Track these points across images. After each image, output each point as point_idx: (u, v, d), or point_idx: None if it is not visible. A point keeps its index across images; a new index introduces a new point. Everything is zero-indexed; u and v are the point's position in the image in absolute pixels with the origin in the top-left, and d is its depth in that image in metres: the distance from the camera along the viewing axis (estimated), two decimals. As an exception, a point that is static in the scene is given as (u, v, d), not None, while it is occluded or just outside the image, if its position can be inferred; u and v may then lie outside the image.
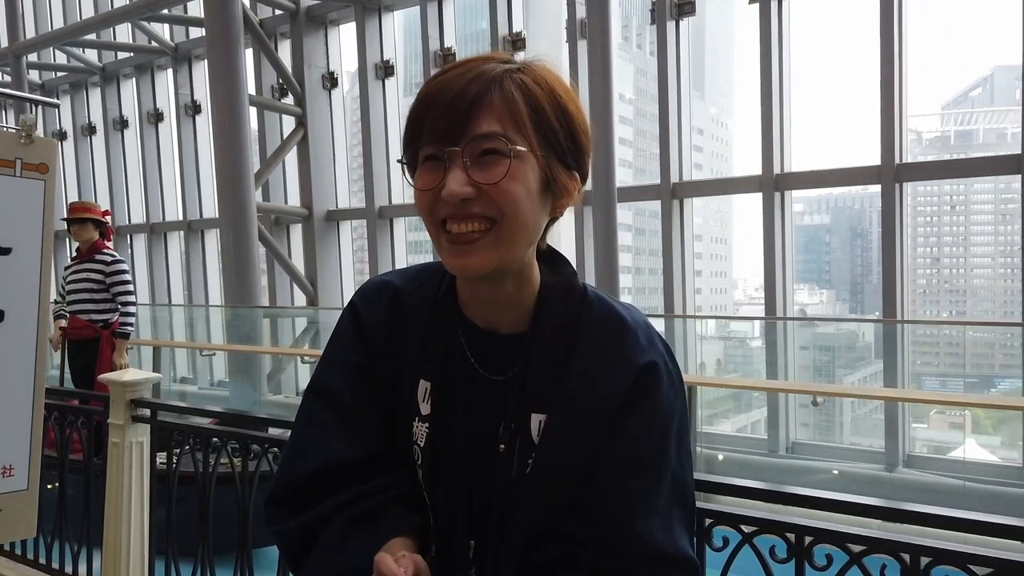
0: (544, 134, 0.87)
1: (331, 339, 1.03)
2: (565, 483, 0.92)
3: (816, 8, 6.62)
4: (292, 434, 1.01)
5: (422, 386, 0.96)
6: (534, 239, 0.92)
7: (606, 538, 0.91)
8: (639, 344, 0.96)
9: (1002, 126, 14.01)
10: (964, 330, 6.87)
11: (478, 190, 0.84)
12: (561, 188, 0.91)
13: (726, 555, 1.53)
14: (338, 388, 0.98)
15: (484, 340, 0.96)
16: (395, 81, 8.54)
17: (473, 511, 0.94)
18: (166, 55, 10.19)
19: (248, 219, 7.35)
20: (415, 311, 0.99)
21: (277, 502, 0.97)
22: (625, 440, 0.93)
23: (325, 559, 0.91)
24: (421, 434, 0.95)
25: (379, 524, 0.92)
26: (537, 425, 0.93)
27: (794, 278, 6.66)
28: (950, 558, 1.30)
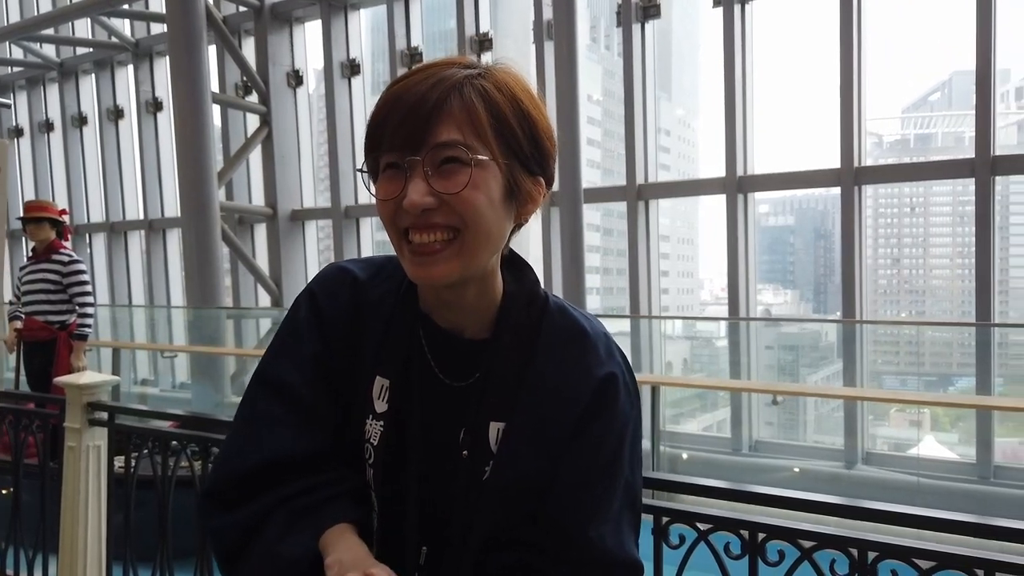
0: (506, 141, 0.87)
1: (284, 327, 1.00)
2: (522, 491, 0.92)
3: (779, 13, 6.72)
4: (234, 427, 0.97)
5: (378, 383, 0.95)
6: (498, 247, 0.92)
7: (561, 545, 0.92)
8: (599, 356, 0.96)
9: (960, 130, 14.35)
10: (923, 329, 7.03)
11: (439, 200, 0.83)
12: (525, 195, 0.91)
13: (683, 552, 1.56)
14: (289, 380, 0.95)
15: (445, 342, 0.96)
16: (361, 80, 8.49)
17: (427, 517, 0.94)
18: (126, 51, 10.01)
19: (211, 218, 7.25)
20: (377, 305, 0.97)
21: (214, 497, 0.94)
22: (582, 450, 0.94)
23: (266, 553, 0.88)
24: (375, 432, 0.94)
25: (322, 514, 0.90)
26: (495, 433, 0.93)
27: (757, 279, 6.76)
28: (896, 552, 1.34)
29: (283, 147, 8.68)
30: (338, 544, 0.88)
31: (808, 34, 8.03)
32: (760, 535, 1.47)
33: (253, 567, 0.89)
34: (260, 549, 0.89)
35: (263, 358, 0.99)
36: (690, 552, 1.54)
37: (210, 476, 0.99)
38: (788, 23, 7.47)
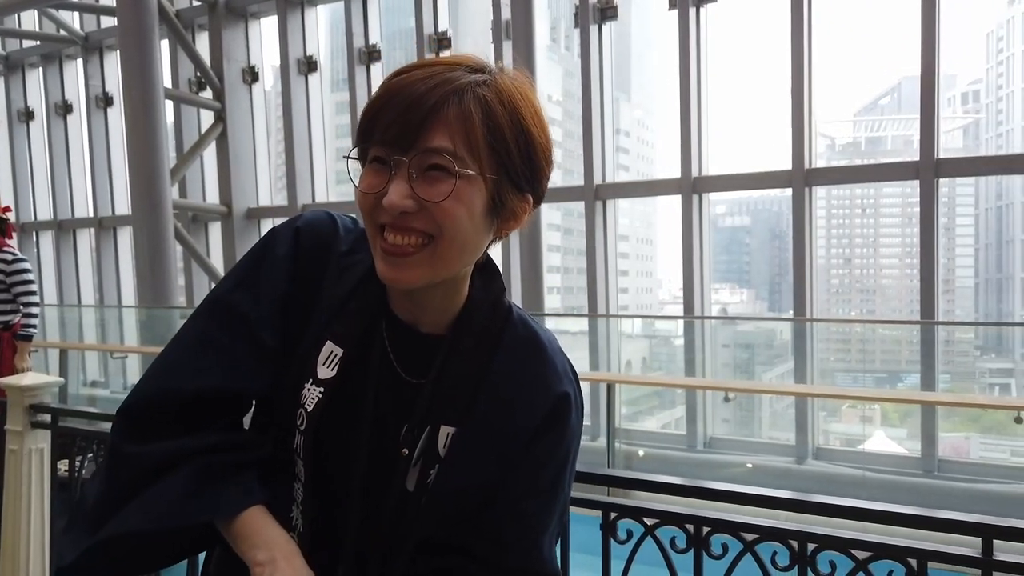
0: (498, 156, 0.84)
1: (253, 258, 0.95)
2: (465, 498, 0.92)
3: (733, 16, 6.84)
4: (175, 345, 0.92)
5: (328, 349, 0.92)
6: (472, 259, 0.91)
7: (498, 556, 0.93)
8: (556, 372, 0.96)
9: (909, 133, 14.78)
10: (874, 327, 7.21)
11: (419, 205, 0.82)
12: (509, 211, 0.89)
13: (630, 547, 1.59)
14: (248, 313, 0.91)
15: (402, 334, 0.94)
16: (319, 77, 8.41)
17: (362, 509, 0.92)
18: (75, 44, 9.76)
19: (163, 216, 7.11)
20: (345, 270, 0.94)
21: (133, 417, 0.89)
22: (532, 466, 0.94)
23: (166, 502, 0.84)
24: (312, 398, 0.91)
25: (237, 481, 0.88)
26: (445, 438, 0.91)
27: (712, 278, 6.86)
28: (834, 544, 1.38)
29: (238, 144, 8.54)
30: (266, 538, 0.86)
31: (761, 38, 8.18)
32: (704, 529, 1.50)
33: (145, 510, 0.85)
34: (160, 496, 0.85)
35: (222, 283, 0.94)
36: (637, 547, 1.57)
37: (138, 391, 0.89)
38: (742, 27, 7.60)
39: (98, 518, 0.87)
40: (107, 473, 0.89)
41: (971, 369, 6.74)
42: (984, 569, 1.26)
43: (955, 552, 1.29)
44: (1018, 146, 14.91)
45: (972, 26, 12.64)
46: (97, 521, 0.87)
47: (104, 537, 0.85)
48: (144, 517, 0.85)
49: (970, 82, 15.73)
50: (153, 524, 0.85)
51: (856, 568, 1.36)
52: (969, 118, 15.72)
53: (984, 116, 15.67)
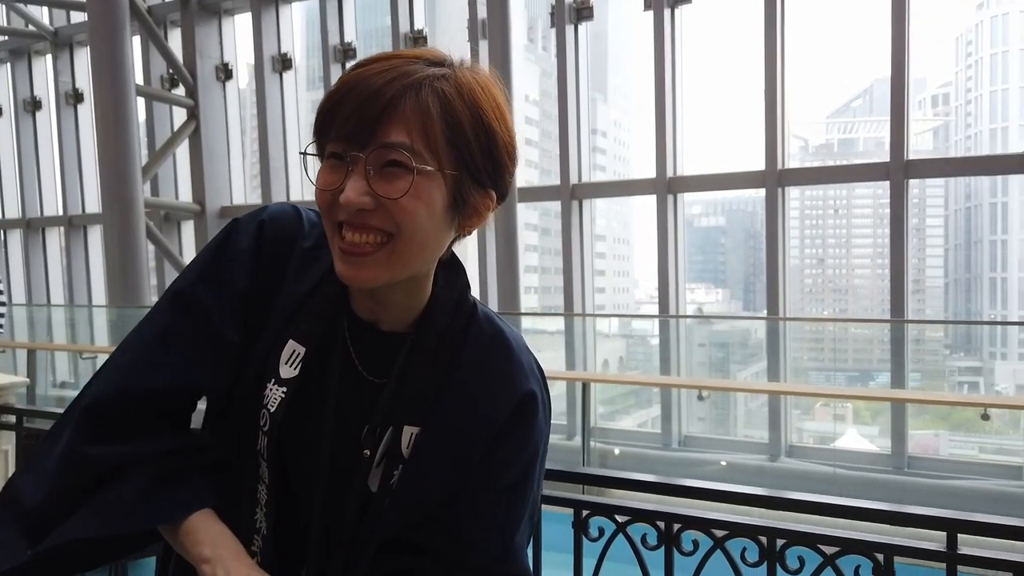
0: (458, 151, 0.82)
1: (215, 251, 0.92)
2: (430, 499, 0.91)
3: (708, 18, 6.89)
4: (136, 339, 0.89)
5: (290, 347, 0.90)
6: (433, 257, 0.89)
7: (462, 556, 0.91)
8: (523, 370, 0.95)
9: (880, 135, 14.99)
10: (846, 327, 7.31)
11: (377, 202, 0.80)
12: (471, 208, 0.87)
13: (601, 544, 1.59)
14: (208, 307, 0.88)
15: (363, 333, 0.92)
16: (293, 75, 8.34)
17: (324, 510, 0.91)
18: (44, 40, 9.60)
19: (135, 215, 7.01)
20: (305, 266, 0.92)
21: (93, 417, 0.86)
22: (497, 465, 0.92)
23: (117, 510, 0.83)
24: (275, 398, 0.89)
25: (181, 491, 0.86)
26: (408, 437, 0.90)
27: (687, 278, 6.91)
28: (802, 539, 1.40)
29: (212, 142, 8.45)
30: (211, 536, 0.84)
31: (735, 39, 8.25)
32: (675, 526, 1.51)
33: (100, 516, 0.83)
34: (113, 501, 0.83)
35: (183, 276, 0.92)
36: (608, 544, 1.58)
37: (98, 389, 0.87)
38: (716, 28, 7.67)
39: (42, 522, 0.84)
40: (59, 474, 0.86)
41: (940, 368, 6.85)
42: (949, 563, 1.28)
43: (921, 547, 1.31)
44: (986, 148, 15.15)
45: (942, 30, 12.84)
46: (40, 525, 0.84)
47: (53, 544, 0.83)
48: (98, 523, 0.83)
49: (940, 85, 16.00)
50: (107, 530, 0.83)
51: (824, 563, 1.38)
52: (939, 120, 15.98)
53: (954, 119, 15.92)
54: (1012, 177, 10.19)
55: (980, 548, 1.31)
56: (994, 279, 14.27)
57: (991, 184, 14.08)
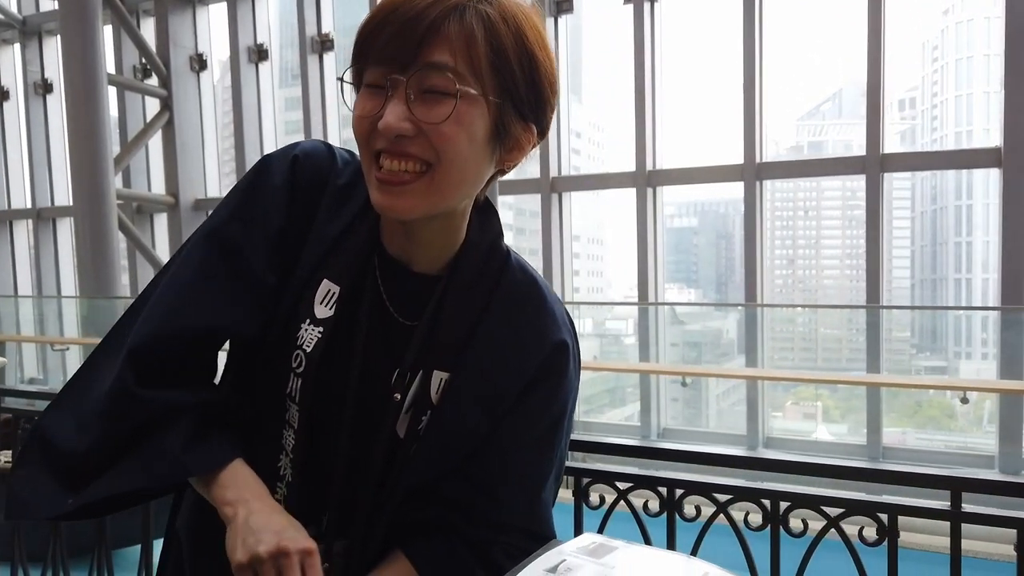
0: (502, 78, 0.80)
1: (249, 186, 0.89)
2: (457, 447, 0.89)
3: (686, 12, 6.93)
4: (174, 281, 0.87)
5: (325, 287, 0.88)
6: (472, 191, 0.86)
7: (488, 509, 0.90)
8: (555, 319, 0.93)
9: (849, 138, 15.23)
10: (816, 327, 7.41)
11: (417, 128, 0.77)
12: (513, 140, 0.85)
13: (603, 512, 1.58)
14: (242, 246, 0.86)
15: (394, 274, 0.90)
16: (269, 66, 8.24)
17: (350, 455, 0.89)
18: (12, 28, 9.37)
19: (106, 207, 6.87)
20: (338, 204, 0.90)
21: (140, 358, 0.83)
22: (526, 415, 0.91)
23: (163, 461, 0.81)
24: (310, 338, 0.87)
25: (217, 441, 0.85)
26: (438, 383, 0.88)
27: (665, 272, 6.94)
28: (806, 501, 1.40)
29: (185, 133, 8.31)
30: (238, 481, 0.82)
31: (712, 32, 8.32)
32: (678, 492, 1.50)
33: (146, 468, 0.81)
34: (159, 452, 0.82)
35: (215, 215, 0.89)
36: (610, 512, 1.57)
37: (142, 331, 0.84)
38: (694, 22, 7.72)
39: (83, 468, 0.83)
40: (106, 415, 0.83)
41: (907, 367, 6.97)
42: (953, 521, 1.29)
43: (925, 505, 1.31)
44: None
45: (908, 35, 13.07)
46: (81, 471, 0.82)
47: (100, 497, 0.82)
48: (144, 476, 0.81)
49: (907, 89, 16.29)
50: (153, 482, 0.82)
51: (828, 525, 1.38)
52: (906, 124, 16.26)
53: (919, 122, 16.20)
54: (976, 180, 10.41)
55: (982, 506, 1.32)
56: (959, 280, 14.52)
57: (956, 187, 14.37)
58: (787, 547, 1.43)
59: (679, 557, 0.66)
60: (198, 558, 0.97)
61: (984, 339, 7.04)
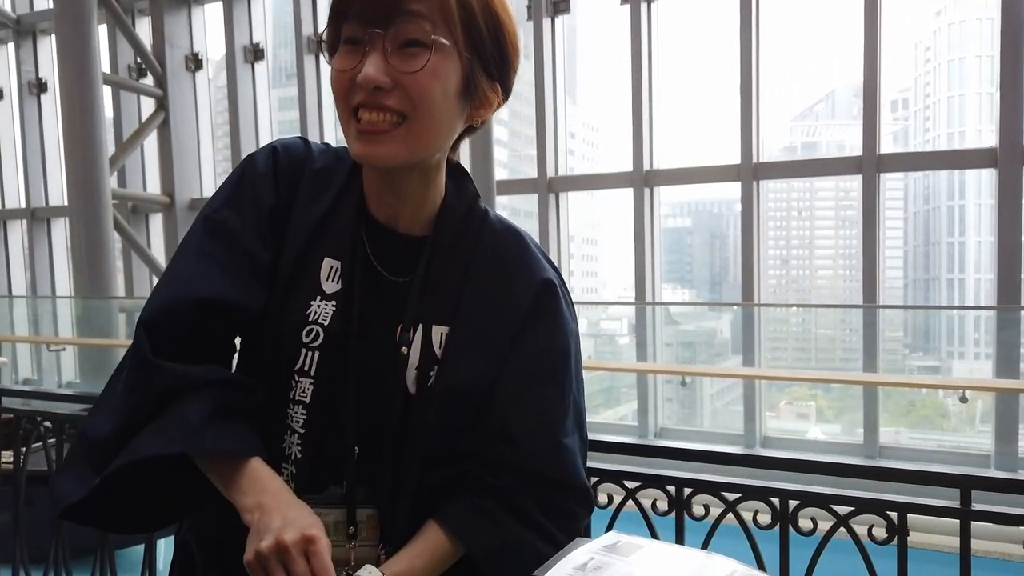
0: (471, 35, 0.86)
1: (237, 177, 0.95)
2: (468, 398, 0.91)
3: (682, 13, 6.95)
4: (180, 257, 0.91)
5: (327, 264, 0.92)
6: (445, 142, 0.91)
7: (508, 456, 0.91)
8: (538, 260, 0.98)
9: (842, 139, 15.27)
10: (810, 328, 7.44)
11: (395, 81, 0.82)
12: (481, 96, 0.90)
13: (610, 512, 1.58)
14: (236, 229, 0.90)
15: (381, 235, 0.94)
16: (265, 66, 8.22)
17: (361, 415, 0.91)
18: (6, 27, 9.33)
19: (102, 207, 6.84)
20: (320, 184, 0.95)
21: (154, 329, 0.86)
22: (528, 353, 0.93)
23: (181, 430, 0.82)
24: (325, 313, 0.90)
25: (240, 427, 0.86)
26: (439, 338, 0.91)
27: (663, 272, 6.96)
28: (815, 500, 1.40)
29: (181, 133, 8.29)
30: (259, 482, 0.82)
31: (709, 32, 8.34)
32: (686, 490, 1.50)
33: (162, 434, 0.83)
34: (177, 421, 0.83)
35: (210, 203, 0.94)
36: (618, 511, 1.57)
37: (151, 304, 0.88)
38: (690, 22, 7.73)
39: (111, 450, 0.84)
40: (130, 391, 0.86)
41: (900, 367, 7.01)
42: (963, 519, 1.29)
43: (935, 504, 1.31)
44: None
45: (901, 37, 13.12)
46: (109, 454, 0.84)
47: (117, 468, 0.82)
48: (162, 441, 0.82)
49: (899, 90, 16.36)
50: (171, 447, 0.82)
51: (837, 524, 1.38)
52: (899, 125, 16.33)
53: (912, 123, 16.27)
54: (969, 181, 10.46)
55: (991, 505, 1.32)
56: (951, 280, 14.57)
57: (949, 187, 14.43)
58: (796, 546, 1.43)
59: (705, 555, 0.66)
60: (210, 566, 0.97)
61: (977, 339, 7.08)
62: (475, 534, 0.89)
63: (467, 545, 0.89)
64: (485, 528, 0.89)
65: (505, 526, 0.89)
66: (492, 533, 0.89)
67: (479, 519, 0.89)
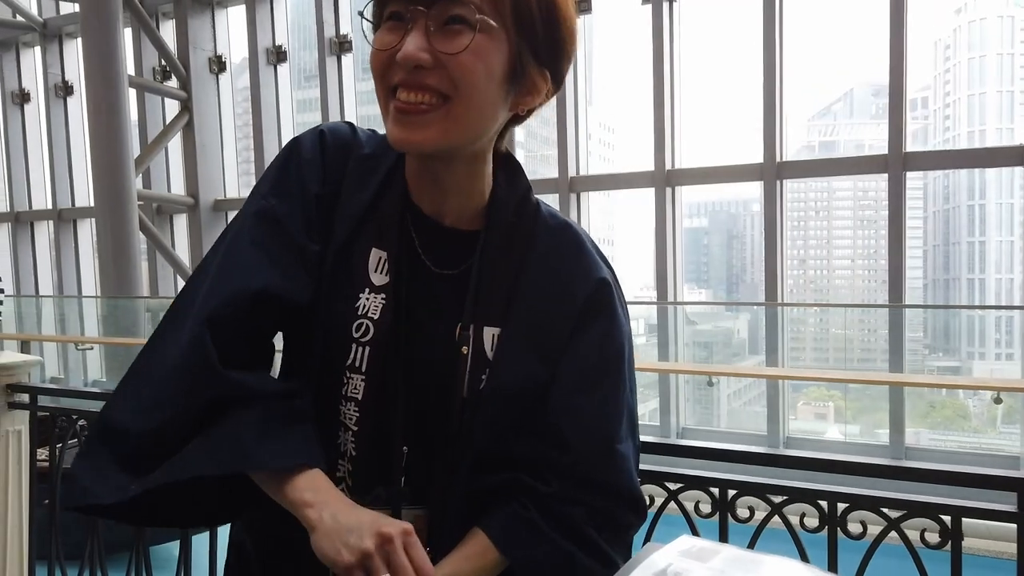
0: (520, 16, 0.81)
1: (283, 163, 0.91)
2: (521, 400, 0.88)
3: (704, 13, 6.91)
4: (229, 251, 0.87)
5: (375, 255, 0.88)
6: (487, 128, 0.86)
7: (560, 461, 0.88)
8: (594, 259, 0.94)
9: (860, 137, 15.11)
10: (828, 327, 7.38)
11: (436, 60, 0.78)
12: (529, 83, 0.85)
13: (652, 514, 1.57)
14: (283, 218, 0.87)
15: (427, 229, 0.91)
16: (288, 67, 8.26)
17: (410, 414, 0.88)
18: (33, 31, 9.44)
19: (128, 208, 6.92)
20: (366, 171, 0.91)
21: (223, 327, 0.83)
22: (582, 355, 0.90)
23: (233, 448, 0.79)
24: (375, 306, 0.87)
25: (293, 437, 0.83)
26: (491, 339, 0.88)
27: (684, 272, 6.92)
28: (864, 503, 1.38)
29: (205, 134, 8.36)
30: (318, 486, 0.80)
31: (730, 30, 8.29)
32: (730, 492, 1.48)
33: (213, 452, 0.79)
34: (229, 438, 0.80)
35: (255, 192, 0.91)
36: (660, 512, 1.55)
37: (212, 299, 0.84)
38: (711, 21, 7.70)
39: (150, 451, 0.81)
40: (188, 392, 0.82)
41: (920, 368, 6.94)
42: (1020, 523, 1.26)
43: (990, 507, 1.29)
44: (967, 149, 15.40)
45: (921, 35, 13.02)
46: (148, 454, 0.81)
47: (161, 483, 0.79)
48: (212, 459, 0.79)
49: (918, 89, 16.18)
50: (222, 467, 0.79)
51: (888, 527, 1.36)
52: (918, 124, 16.16)
53: (932, 122, 16.09)
54: (990, 180, 10.34)
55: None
56: (972, 280, 14.39)
57: (969, 186, 14.26)
58: (843, 550, 1.41)
59: (786, 561, 0.65)
60: (271, 567, 0.95)
61: (998, 339, 6.99)
62: (515, 543, 0.86)
63: (510, 556, 0.86)
64: (526, 538, 0.86)
65: (547, 538, 0.86)
66: (532, 544, 0.86)
67: (520, 528, 0.86)
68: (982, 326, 7.61)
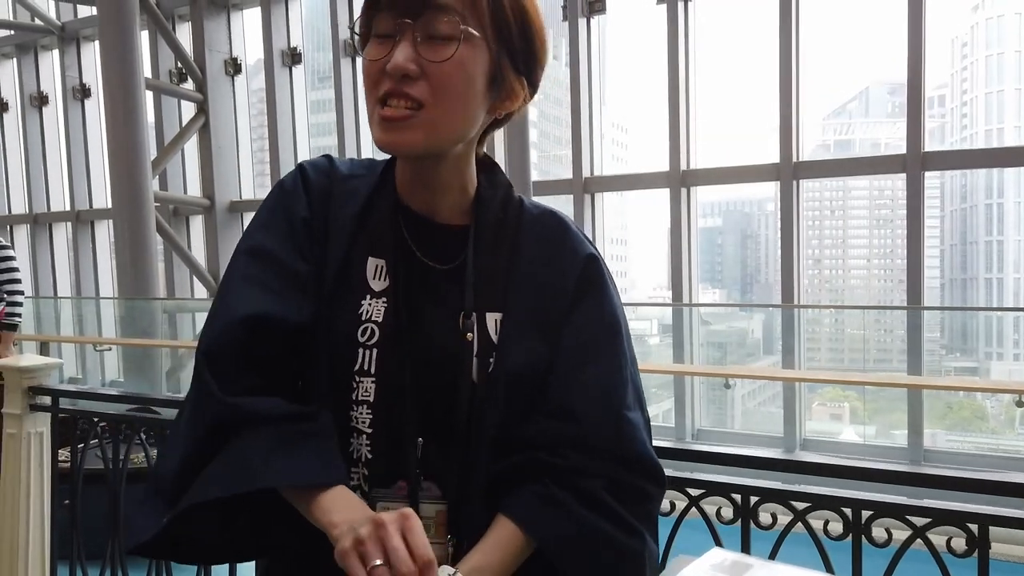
0: (499, 27, 0.87)
1: (269, 202, 0.97)
2: (529, 380, 0.91)
3: (719, 13, 6.89)
4: (224, 287, 0.93)
5: (372, 264, 0.93)
6: (468, 130, 0.91)
7: (572, 435, 0.90)
8: (579, 239, 0.99)
9: (876, 136, 15.00)
10: (843, 327, 7.34)
11: (422, 69, 0.83)
12: (508, 88, 0.91)
13: (672, 520, 1.56)
14: (274, 249, 0.92)
15: (420, 226, 0.96)
16: (303, 69, 8.29)
17: (423, 406, 0.90)
18: (51, 34, 9.53)
19: (145, 209, 6.96)
20: (351, 188, 0.97)
21: (216, 358, 0.87)
22: (581, 328, 0.94)
23: (249, 467, 0.82)
24: (377, 311, 0.91)
25: (311, 454, 0.84)
26: (494, 324, 0.92)
27: (700, 272, 6.89)
28: (890, 511, 1.36)
29: (221, 136, 8.41)
30: (346, 505, 0.82)
31: (745, 30, 8.26)
32: (753, 499, 1.47)
33: (229, 473, 0.82)
34: (244, 458, 0.82)
35: (247, 232, 0.96)
36: (681, 519, 1.54)
37: (206, 334, 0.90)
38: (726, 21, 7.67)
39: (179, 488, 0.85)
40: (191, 423, 0.87)
41: (937, 368, 6.88)
42: (1049, 531, 1.25)
43: (1019, 516, 1.27)
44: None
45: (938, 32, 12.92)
46: (179, 487, 0.85)
47: (180, 512, 0.82)
48: (224, 480, 0.82)
49: (935, 87, 16.02)
50: (233, 487, 0.81)
51: (914, 535, 1.34)
52: (935, 122, 16.02)
53: (949, 120, 15.95)
54: (1008, 179, 10.25)
55: (1076, 517, 1.28)
56: (990, 279, 14.27)
57: (986, 186, 14.13)
58: (868, 556, 1.40)
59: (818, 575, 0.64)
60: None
61: (1016, 339, 6.92)
62: (544, 524, 0.87)
63: (536, 536, 0.86)
64: (554, 517, 0.87)
65: (576, 514, 0.87)
66: (562, 523, 0.87)
67: (547, 508, 0.87)
68: (1000, 326, 7.53)
